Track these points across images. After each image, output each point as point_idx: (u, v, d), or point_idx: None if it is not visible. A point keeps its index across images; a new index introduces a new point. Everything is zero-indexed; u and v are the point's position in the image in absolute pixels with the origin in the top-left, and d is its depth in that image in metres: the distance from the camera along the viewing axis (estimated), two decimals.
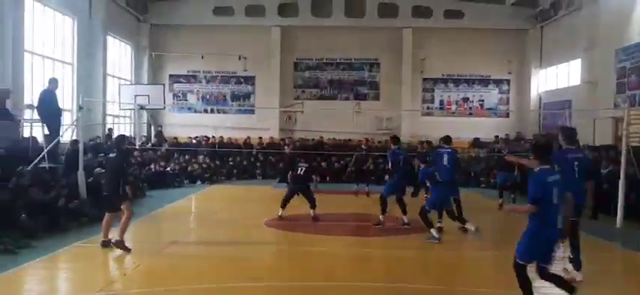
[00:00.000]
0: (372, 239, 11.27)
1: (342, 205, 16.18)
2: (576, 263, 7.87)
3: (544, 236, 6.03)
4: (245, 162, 24.35)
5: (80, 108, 14.46)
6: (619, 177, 12.52)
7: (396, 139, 12.65)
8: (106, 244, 9.53)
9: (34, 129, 15.08)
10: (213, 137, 25.52)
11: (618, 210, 12.30)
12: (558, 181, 6.10)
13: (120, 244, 9.30)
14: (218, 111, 27.62)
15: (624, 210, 12.35)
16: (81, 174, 13.08)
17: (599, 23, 20.80)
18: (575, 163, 7.73)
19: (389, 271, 8.87)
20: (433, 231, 10.29)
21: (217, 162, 23.55)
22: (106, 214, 9.67)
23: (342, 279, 8.20)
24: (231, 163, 24.04)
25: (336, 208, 15.09)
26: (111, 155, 10.23)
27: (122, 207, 9.53)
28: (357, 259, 9.64)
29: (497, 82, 27.49)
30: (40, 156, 12.79)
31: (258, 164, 24.37)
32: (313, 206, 12.85)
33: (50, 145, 13.26)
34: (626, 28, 18.97)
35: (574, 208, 7.35)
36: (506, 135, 25.11)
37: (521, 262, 6.10)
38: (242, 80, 27.64)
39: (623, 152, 12.53)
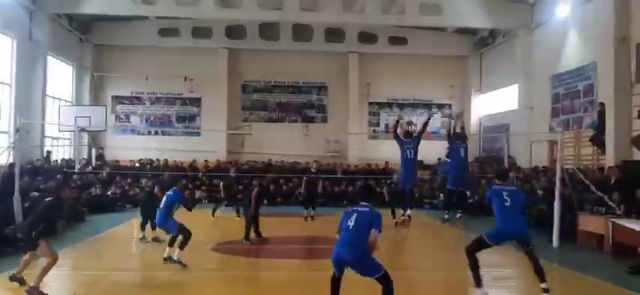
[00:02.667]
0: (321, 262, 11.27)
1: (291, 228, 16.15)
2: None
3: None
4: (190, 186, 23.87)
5: (17, 130, 13.91)
6: (554, 198, 13.03)
7: None
8: (16, 279, 8.29)
9: None
10: (158, 160, 24.99)
11: (554, 230, 12.78)
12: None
13: (33, 291, 7.96)
14: (163, 133, 27.15)
15: (559, 231, 12.85)
16: (17, 199, 12.54)
17: (534, 51, 21.87)
18: (506, 194, 8.45)
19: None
20: None
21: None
22: (27, 252, 8.41)
23: None
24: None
25: (284, 231, 15.05)
26: (46, 198, 8.75)
27: (38, 251, 8.23)
28: (304, 283, 9.60)
29: (440, 106, 28.28)
30: None
31: (203, 187, 24.00)
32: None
33: None
34: (559, 56, 20.00)
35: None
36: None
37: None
38: (188, 102, 27.32)
39: (558, 174, 13.10)
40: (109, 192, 20.48)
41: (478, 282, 8.24)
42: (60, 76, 24.22)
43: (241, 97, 27.62)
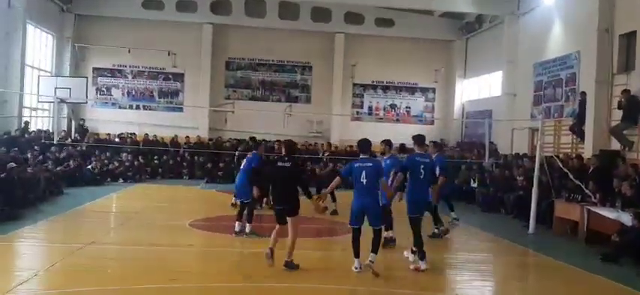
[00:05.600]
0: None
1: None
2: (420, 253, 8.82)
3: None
4: (171, 162, 23.78)
5: None
6: (532, 185, 13.17)
7: None
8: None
9: None
10: (134, 134, 24.71)
11: (531, 216, 12.94)
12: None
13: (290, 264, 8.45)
14: (144, 108, 26.83)
15: (536, 217, 13.02)
16: None
17: (520, 38, 21.92)
18: (422, 166, 8.91)
19: (306, 272, 8.73)
20: None
21: (141, 160, 22.84)
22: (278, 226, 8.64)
23: (260, 280, 8.11)
24: (156, 162, 23.42)
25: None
26: (280, 164, 8.78)
27: (288, 220, 8.53)
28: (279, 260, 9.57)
29: (424, 90, 28.33)
30: None
31: (185, 164, 23.88)
32: None
33: None
34: (543, 44, 20.07)
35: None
36: (442, 139, 25.54)
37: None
38: (170, 77, 26.98)
39: (537, 161, 13.23)
40: (89, 166, 20.24)
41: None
42: (40, 46, 23.71)
43: (225, 74, 27.35)
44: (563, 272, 9.55)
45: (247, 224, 10.85)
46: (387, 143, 10.93)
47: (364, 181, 8.33)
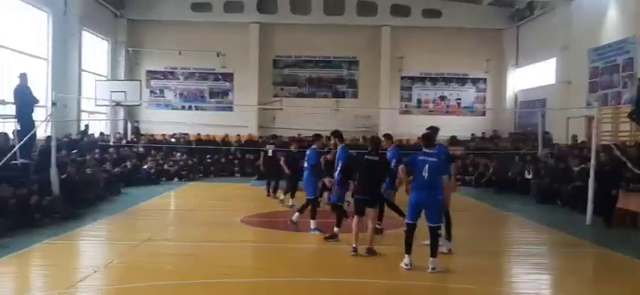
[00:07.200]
0: (348, 236, 11.30)
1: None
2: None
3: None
4: (223, 160, 24.26)
5: (54, 104, 14.27)
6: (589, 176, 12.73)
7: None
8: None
9: (5, 126, 14.85)
10: (187, 134, 25.32)
11: (588, 207, 12.52)
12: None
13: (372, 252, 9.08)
14: (196, 108, 27.48)
15: (594, 207, 12.57)
16: (54, 170, 12.91)
17: (573, 24, 21.17)
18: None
19: (354, 267, 8.79)
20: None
21: (195, 160, 23.41)
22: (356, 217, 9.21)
23: (310, 275, 8.21)
24: (208, 161, 23.94)
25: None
26: (368, 157, 9.24)
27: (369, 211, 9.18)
28: (329, 255, 9.63)
29: (474, 81, 27.79)
30: (12, 152, 12.56)
31: (236, 161, 24.30)
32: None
33: (22, 141, 13.03)
34: (598, 28, 19.33)
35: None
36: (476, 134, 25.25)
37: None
38: (220, 77, 27.53)
39: (593, 150, 12.77)
40: (145, 166, 20.89)
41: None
42: (95, 51, 24.64)
43: (272, 72, 27.65)
44: (622, 264, 9.21)
45: (312, 221, 10.94)
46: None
47: (426, 176, 8.20)
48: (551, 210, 15.06)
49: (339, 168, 10.33)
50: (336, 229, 10.29)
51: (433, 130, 9.03)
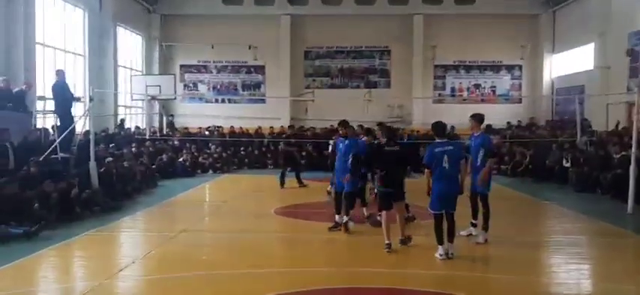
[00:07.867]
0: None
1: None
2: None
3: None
4: (256, 152, 24.40)
5: (91, 99, 14.59)
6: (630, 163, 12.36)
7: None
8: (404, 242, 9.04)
9: (46, 121, 15.26)
10: (221, 127, 25.57)
11: (629, 195, 12.16)
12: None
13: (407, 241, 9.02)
14: (229, 101, 27.72)
15: (635, 195, 12.20)
16: (93, 164, 13.22)
17: (612, 7, 20.51)
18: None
19: (389, 257, 8.72)
20: None
21: (229, 152, 23.63)
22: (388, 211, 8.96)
23: (342, 265, 8.24)
24: (242, 153, 24.12)
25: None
26: (387, 149, 9.07)
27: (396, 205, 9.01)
28: (362, 245, 9.60)
29: (510, 68, 27.24)
30: (52, 146, 12.91)
31: (269, 153, 24.42)
32: None
33: (62, 136, 13.39)
34: (638, 11, 18.68)
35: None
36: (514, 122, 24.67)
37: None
38: (252, 70, 27.69)
39: (634, 137, 12.38)
40: (181, 159, 21.19)
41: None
42: (130, 46, 25.10)
43: (304, 64, 27.67)
44: None
45: (345, 216, 10.39)
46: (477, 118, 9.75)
47: (446, 166, 8.19)
48: (590, 199, 14.68)
49: (350, 159, 10.14)
50: (337, 217, 10.35)
51: (440, 122, 8.68)
